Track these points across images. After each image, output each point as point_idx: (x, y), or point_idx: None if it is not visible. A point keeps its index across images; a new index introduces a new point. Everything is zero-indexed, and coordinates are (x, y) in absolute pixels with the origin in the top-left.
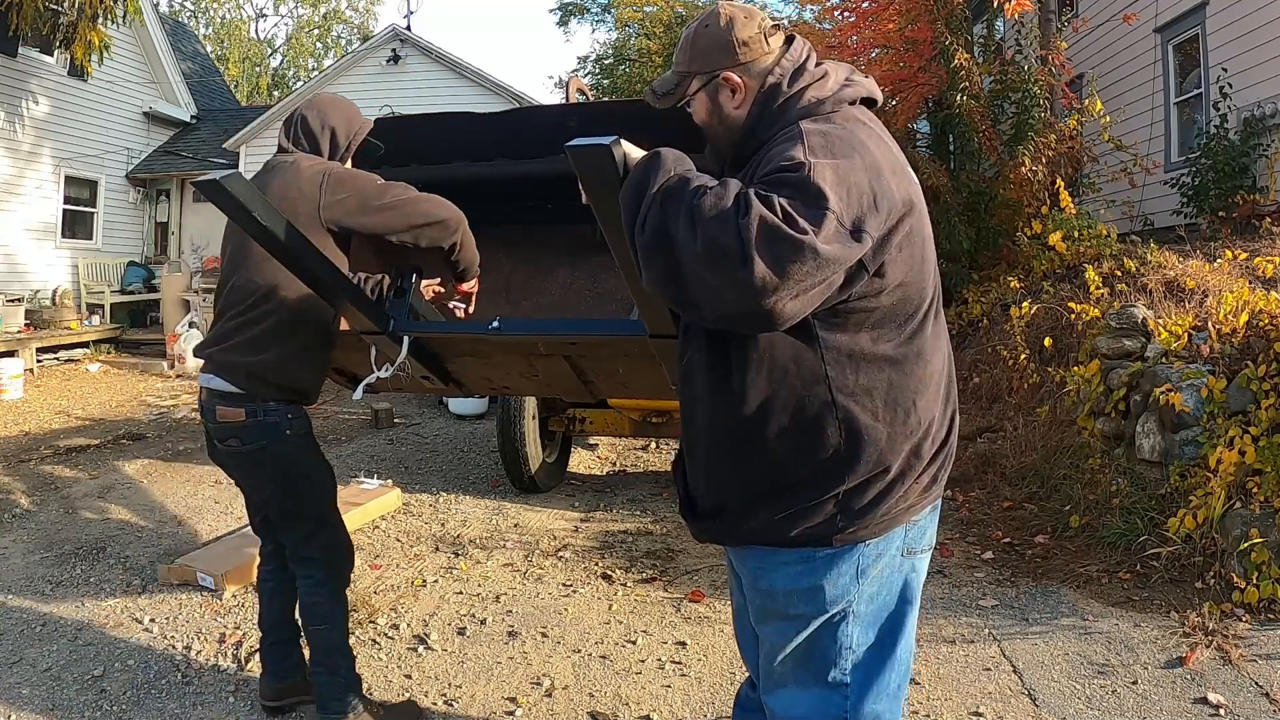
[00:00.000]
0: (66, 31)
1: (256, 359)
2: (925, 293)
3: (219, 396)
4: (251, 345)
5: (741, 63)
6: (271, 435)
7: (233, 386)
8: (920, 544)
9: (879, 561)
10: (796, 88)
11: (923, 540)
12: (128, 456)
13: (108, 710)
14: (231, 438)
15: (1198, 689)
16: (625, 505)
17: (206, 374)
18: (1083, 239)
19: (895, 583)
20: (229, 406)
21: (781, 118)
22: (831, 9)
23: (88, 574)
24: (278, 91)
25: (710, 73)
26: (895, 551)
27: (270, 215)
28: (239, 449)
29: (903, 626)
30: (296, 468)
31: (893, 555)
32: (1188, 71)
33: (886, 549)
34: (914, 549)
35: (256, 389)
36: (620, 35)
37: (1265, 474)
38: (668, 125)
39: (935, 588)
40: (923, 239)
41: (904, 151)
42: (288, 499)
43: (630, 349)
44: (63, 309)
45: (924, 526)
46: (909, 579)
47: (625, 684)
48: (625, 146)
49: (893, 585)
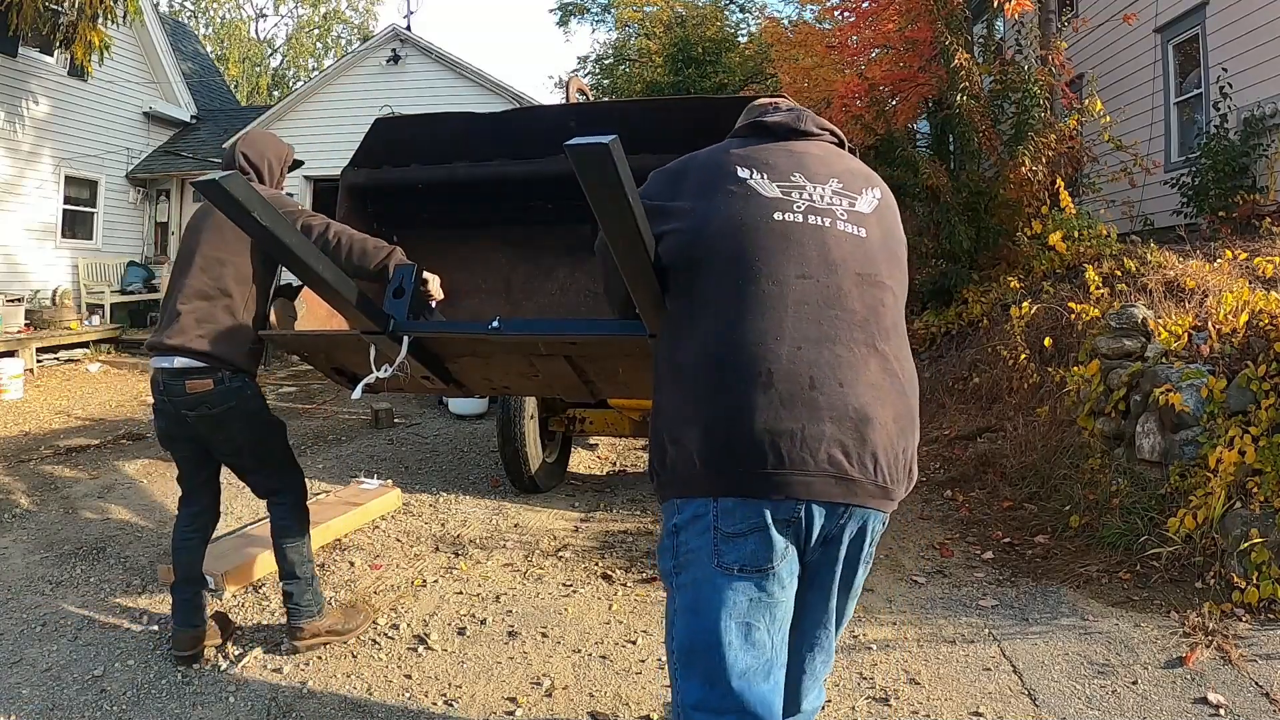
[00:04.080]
0: (66, 31)
1: (214, 341)
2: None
3: (185, 373)
4: (209, 332)
5: None
6: (238, 396)
7: (198, 362)
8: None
9: None
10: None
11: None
12: (128, 456)
13: (108, 710)
14: (201, 404)
15: (1198, 689)
16: (625, 505)
17: (166, 357)
18: (1083, 239)
19: None
20: (198, 379)
21: None
22: (831, 9)
23: (88, 574)
24: (278, 91)
25: None
26: None
27: (270, 215)
28: (210, 412)
29: None
30: (261, 417)
31: None
32: (1188, 71)
33: None
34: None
35: (217, 363)
36: (620, 35)
37: (1265, 474)
38: (667, 126)
39: (935, 588)
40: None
41: (904, 151)
42: (260, 445)
43: (630, 349)
44: (63, 309)
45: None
46: None
47: (625, 684)
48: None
49: None
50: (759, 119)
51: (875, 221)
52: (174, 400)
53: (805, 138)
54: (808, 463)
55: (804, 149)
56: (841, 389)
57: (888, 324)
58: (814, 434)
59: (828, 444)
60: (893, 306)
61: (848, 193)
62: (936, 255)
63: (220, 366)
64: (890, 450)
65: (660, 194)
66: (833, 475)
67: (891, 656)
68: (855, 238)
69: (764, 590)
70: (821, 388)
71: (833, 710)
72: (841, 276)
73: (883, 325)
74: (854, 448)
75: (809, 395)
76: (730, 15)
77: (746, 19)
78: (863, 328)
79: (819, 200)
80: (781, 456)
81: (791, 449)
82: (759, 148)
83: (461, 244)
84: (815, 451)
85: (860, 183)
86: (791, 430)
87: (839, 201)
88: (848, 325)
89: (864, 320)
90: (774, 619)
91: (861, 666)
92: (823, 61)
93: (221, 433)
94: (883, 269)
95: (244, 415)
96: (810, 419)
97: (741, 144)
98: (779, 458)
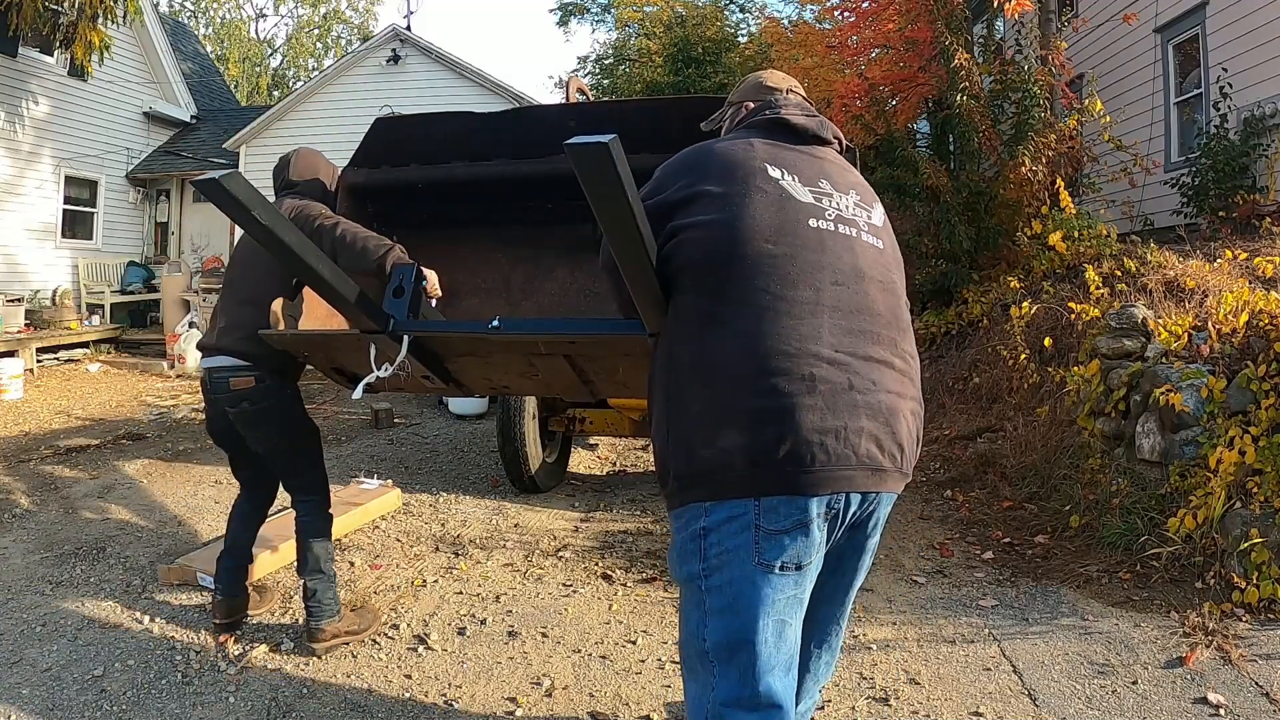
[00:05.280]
0: (66, 31)
1: (256, 343)
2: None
3: (230, 371)
4: (252, 334)
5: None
6: (276, 394)
7: (243, 360)
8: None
9: None
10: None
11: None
12: (128, 456)
13: (108, 710)
14: (244, 401)
15: (1198, 689)
16: (625, 505)
17: (213, 357)
18: (1083, 239)
19: None
20: (241, 376)
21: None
22: (831, 9)
23: (88, 574)
24: (278, 91)
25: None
26: None
27: (270, 215)
28: (251, 409)
29: None
30: (296, 415)
31: None
32: (1188, 71)
33: None
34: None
35: (259, 362)
36: (620, 35)
37: (1265, 474)
38: (667, 126)
39: (935, 588)
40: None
41: (904, 151)
42: (294, 443)
43: (630, 349)
44: (63, 309)
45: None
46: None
47: (625, 684)
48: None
49: None
50: (780, 115)
51: (886, 234)
52: (218, 397)
53: (824, 145)
54: (850, 457)
55: (824, 156)
56: (874, 387)
57: (904, 325)
58: (854, 429)
59: (866, 439)
60: (904, 310)
61: (865, 205)
62: (936, 255)
63: (261, 366)
64: (910, 439)
65: (680, 185)
66: (870, 467)
67: (891, 656)
68: (875, 248)
69: (800, 586)
70: (859, 387)
71: (833, 710)
72: (868, 284)
73: (900, 327)
74: (886, 440)
75: (849, 395)
76: (730, 15)
77: (746, 19)
78: (886, 330)
79: (845, 210)
80: (829, 453)
81: (837, 446)
82: (783, 148)
83: (461, 244)
84: (856, 446)
85: (871, 197)
86: (836, 428)
87: (860, 214)
88: (875, 329)
89: (887, 324)
90: (799, 615)
91: (861, 666)
92: (823, 61)
93: (259, 430)
94: (894, 276)
95: (280, 415)
96: (851, 417)
97: (765, 139)
98: (827, 455)
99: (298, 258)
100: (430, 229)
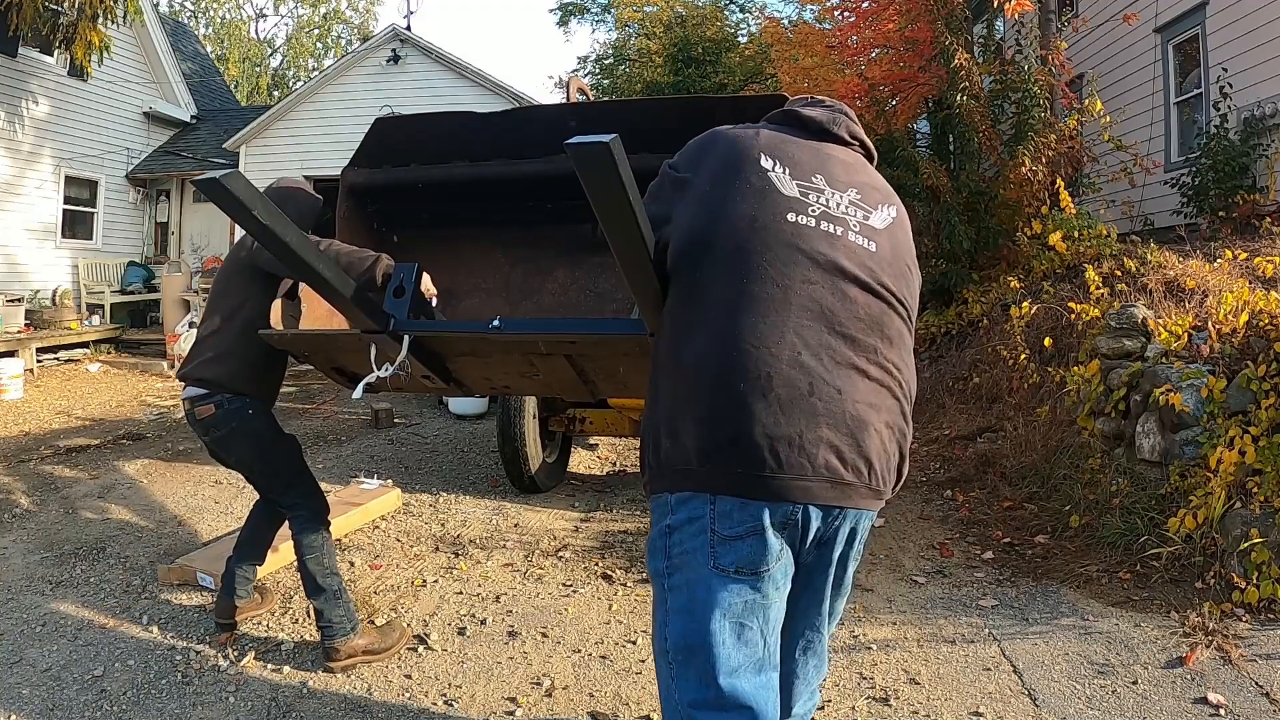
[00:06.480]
0: (66, 31)
1: (221, 369)
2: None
3: (195, 400)
4: (216, 359)
5: None
6: (238, 418)
7: (202, 390)
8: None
9: None
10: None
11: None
12: (128, 456)
13: (108, 710)
14: (212, 428)
15: (1198, 689)
16: (625, 505)
17: (186, 388)
18: (1083, 239)
19: None
20: (203, 405)
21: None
22: (831, 9)
23: (88, 574)
24: (278, 91)
25: None
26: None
27: (271, 215)
28: (219, 435)
29: None
30: (264, 437)
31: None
32: (1188, 71)
33: None
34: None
35: (216, 388)
36: (620, 35)
37: (1265, 474)
38: (667, 126)
39: (935, 588)
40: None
41: (904, 151)
42: (266, 464)
43: (630, 349)
44: (63, 309)
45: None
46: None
47: (625, 684)
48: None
49: None
50: (794, 108)
51: (886, 237)
52: (192, 426)
53: (836, 141)
54: (806, 467)
55: (831, 152)
56: (839, 395)
57: (891, 333)
58: (812, 439)
59: (825, 449)
60: (897, 319)
61: (864, 205)
62: (936, 255)
63: (219, 391)
64: (882, 455)
65: (686, 166)
66: (829, 480)
67: (891, 656)
68: (865, 249)
69: (758, 591)
70: (820, 394)
71: (833, 710)
72: (847, 285)
73: (885, 334)
74: (849, 453)
75: (808, 402)
76: (730, 15)
77: (746, 19)
78: (865, 336)
79: (834, 207)
80: (781, 461)
81: (790, 454)
82: (788, 139)
83: (461, 244)
84: (814, 457)
85: (878, 198)
86: (790, 436)
87: (854, 212)
88: (850, 333)
89: (867, 329)
90: (767, 619)
91: (861, 666)
92: (823, 61)
93: (229, 453)
94: (889, 282)
95: (246, 436)
96: (809, 424)
97: (772, 130)
98: (778, 462)
99: (298, 257)
100: (430, 229)
